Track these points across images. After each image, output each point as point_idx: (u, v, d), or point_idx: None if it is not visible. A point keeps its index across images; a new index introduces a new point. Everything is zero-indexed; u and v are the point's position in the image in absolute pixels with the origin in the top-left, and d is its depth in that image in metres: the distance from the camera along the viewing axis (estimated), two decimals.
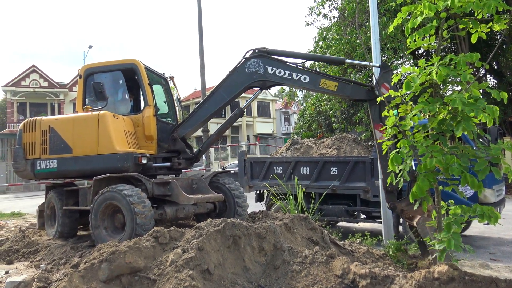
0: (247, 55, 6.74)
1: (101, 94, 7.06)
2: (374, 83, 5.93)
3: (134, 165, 6.76)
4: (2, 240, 7.96)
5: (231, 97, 7.02)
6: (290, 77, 6.46)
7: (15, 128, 39.13)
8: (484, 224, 3.88)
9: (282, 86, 21.40)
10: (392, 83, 4.87)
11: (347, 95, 6.33)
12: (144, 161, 6.92)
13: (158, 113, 7.84)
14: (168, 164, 7.61)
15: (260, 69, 6.62)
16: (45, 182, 8.86)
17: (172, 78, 8.78)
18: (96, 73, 7.74)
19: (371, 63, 6.72)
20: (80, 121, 7.17)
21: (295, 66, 6.43)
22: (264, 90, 7.02)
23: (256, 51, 6.68)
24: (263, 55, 6.62)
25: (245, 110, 7.66)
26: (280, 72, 6.51)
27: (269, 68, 6.57)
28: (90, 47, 38.96)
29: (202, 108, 7.30)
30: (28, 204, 17.51)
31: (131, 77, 7.76)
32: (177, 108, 8.81)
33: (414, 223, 5.25)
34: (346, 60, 6.72)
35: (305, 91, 23.37)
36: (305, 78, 6.36)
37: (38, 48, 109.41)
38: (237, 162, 26.54)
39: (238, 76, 6.86)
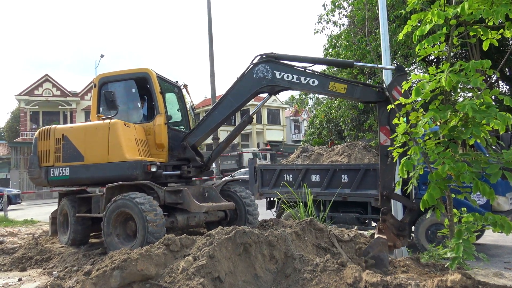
0: (255, 61, 6.69)
1: (112, 103, 7.15)
2: (385, 86, 5.85)
3: (143, 173, 6.81)
4: (16, 247, 8.06)
5: (240, 104, 6.98)
6: (298, 81, 6.37)
7: (28, 137, 39.72)
8: (498, 232, 3.84)
9: (293, 94, 21.36)
10: (403, 90, 4.85)
11: (356, 97, 6.21)
12: (153, 169, 6.96)
13: (171, 121, 7.89)
14: (178, 172, 7.65)
15: (268, 74, 6.56)
16: (58, 190, 8.98)
17: (185, 86, 8.85)
18: (109, 82, 7.87)
19: (379, 65, 6.65)
20: (92, 129, 7.27)
21: (303, 70, 6.37)
22: (273, 96, 6.97)
23: (264, 56, 6.63)
24: (271, 60, 6.56)
25: (254, 116, 7.61)
26: (288, 77, 6.43)
27: (277, 73, 6.50)
28: (102, 56, 39.67)
29: (211, 115, 7.30)
30: (41, 211, 17.70)
31: (144, 86, 7.85)
32: (190, 116, 8.86)
33: (376, 235, 5.35)
34: (355, 63, 6.64)
35: (315, 98, 23.35)
36: (313, 82, 6.27)
37: (51, 58, 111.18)
38: (244, 169, 26.59)
39: (246, 82, 6.81)
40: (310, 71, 6.32)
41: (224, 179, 10.55)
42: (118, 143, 6.88)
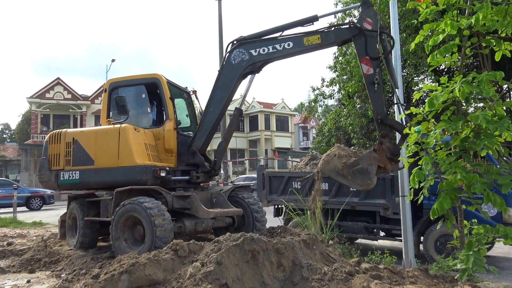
0: (228, 49, 7.09)
1: (122, 108, 7.21)
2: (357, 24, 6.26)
3: (152, 177, 6.84)
4: (24, 249, 8.13)
5: (230, 93, 7.23)
6: (275, 50, 6.76)
7: (38, 139, 40.10)
8: (509, 244, 3.80)
9: (302, 101, 21.29)
10: (414, 100, 4.87)
11: (333, 41, 6.53)
12: (163, 174, 6.99)
13: (181, 126, 7.93)
14: (187, 177, 7.67)
15: (244, 56, 6.95)
16: (67, 193, 9.05)
17: (195, 92, 8.90)
18: (120, 87, 7.92)
19: (352, 5, 6.84)
20: (102, 133, 7.33)
21: (274, 38, 6.78)
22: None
23: (235, 42, 7.06)
24: (242, 42, 6.98)
25: (242, 108, 7.78)
26: (264, 50, 6.83)
27: (252, 51, 6.90)
28: (113, 60, 39.79)
29: (208, 113, 7.43)
30: (49, 214, 17.82)
31: (154, 91, 7.90)
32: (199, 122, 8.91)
33: (373, 150, 5.86)
34: (319, 15, 6.86)
35: (325, 106, 23.27)
36: (288, 45, 6.67)
37: (63, 62, 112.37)
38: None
39: (228, 71, 7.14)
40: (282, 37, 6.73)
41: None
42: (128, 148, 6.93)
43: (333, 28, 6.57)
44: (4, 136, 67.61)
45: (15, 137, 60.64)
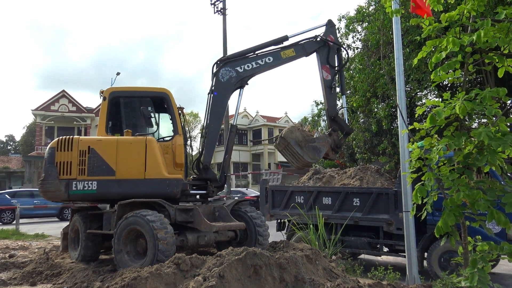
0: (214, 70, 7.76)
1: (149, 120, 7.27)
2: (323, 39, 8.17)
3: (182, 191, 6.97)
4: (26, 261, 8.11)
5: (225, 107, 8.04)
6: (258, 65, 7.73)
7: (42, 151, 40.26)
8: None
9: (305, 116, 21.38)
10: (417, 115, 4.87)
11: (305, 52, 8.00)
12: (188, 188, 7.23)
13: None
14: (205, 191, 7.84)
15: (232, 73, 7.65)
16: (70, 206, 9.00)
17: (181, 109, 8.83)
18: (122, 97, 7.81)
19: (316, 26, 8.33)
20: (126, 144, 7.11)
21: (255, 55, 7.76)
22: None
23: (219, 62, 7.78)
24: (227, 61, 7.73)
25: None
26: (248, 66, 7.70)
27: (238, 68, 7.67)
28: (118, 74, 39.96)
29: (210, 130, 7.80)
30: (51, 226, 17.78)
31: (157, 105, 7.94)
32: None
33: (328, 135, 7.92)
34: (289, 35, 7.98)
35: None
36: (269, 59, 7.77)
37: (70, 75, 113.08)
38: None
39: (220, 89, 7.73)
40: (262, 53, 7.77)
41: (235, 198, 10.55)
42: (156, 161, 6.98)
43: (303, 42, 7.95)
44: (8, 147, 67.97)
45: (19, 148, 61.00)
